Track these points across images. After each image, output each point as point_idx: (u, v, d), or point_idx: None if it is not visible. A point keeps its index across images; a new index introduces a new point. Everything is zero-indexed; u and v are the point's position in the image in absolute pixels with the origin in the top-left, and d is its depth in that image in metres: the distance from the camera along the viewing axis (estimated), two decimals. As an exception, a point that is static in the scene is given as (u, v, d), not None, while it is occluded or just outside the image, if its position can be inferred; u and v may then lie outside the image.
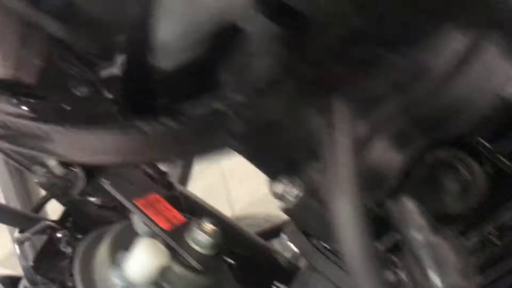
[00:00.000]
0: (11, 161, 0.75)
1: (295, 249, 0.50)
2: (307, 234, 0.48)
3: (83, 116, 0.33)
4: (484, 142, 0.38)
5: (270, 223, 0.90)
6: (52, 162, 0.40)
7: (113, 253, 0.39)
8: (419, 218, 0.32)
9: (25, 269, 0.92)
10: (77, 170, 0.40)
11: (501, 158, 0.39)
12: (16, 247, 0.89)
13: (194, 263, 0.38)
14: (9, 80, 0.34)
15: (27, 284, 0.91)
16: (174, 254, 0.39)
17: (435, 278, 0.31)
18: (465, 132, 0.38)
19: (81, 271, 0.39)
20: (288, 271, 0.60)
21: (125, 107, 0.31)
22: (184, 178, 0.79)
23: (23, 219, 0.57)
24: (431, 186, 0.36)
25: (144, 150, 0.32)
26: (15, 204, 0.72)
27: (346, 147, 0.28)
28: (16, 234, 0.57)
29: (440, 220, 0.42)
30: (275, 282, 0.62)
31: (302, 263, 0.54)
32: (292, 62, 0.24)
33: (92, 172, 0.40)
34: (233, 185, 1.72)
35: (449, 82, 0.36)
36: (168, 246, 0.39)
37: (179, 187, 0.63)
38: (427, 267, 0.31)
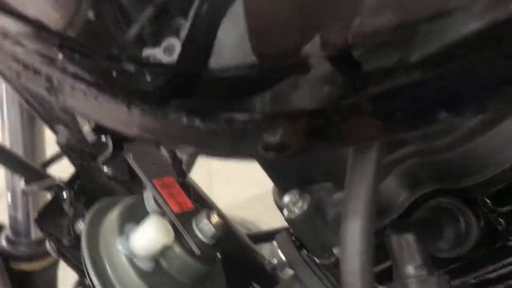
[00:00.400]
0: (25, 115, 0.77)
1: (283, 257, 0.52)
2: (297, 246, 0.51)
3: (123, 88, 0.34)
4: (486, 199, 0.41)
5: (244, 228, 0.92)
6: (86, 128, 0.42)
7: (121, 222, 0.41)
8: (416, 254, 0.34)
9: (11, 218, 0.93)
10: (107, 140, 0.42)
11: (498, 218, 0.42)
12: (9, 194, 0.91)
13: (195, 249, 0.41)
14: (58, 31, 0.34)
15: (10, 234, 0.93)
16: (178, 236, 0.41)
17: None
18: (471, 190, 0.41)
19: (87, 233, 0.41)
20: (269, 276, 0.62)
21: (165, 93, 0.32)
22: (188, 166, 0.81)
23: (30, 172, 0.59)
24: (429, 228, 0.39)
25: (171, 137, 0.33)
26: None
27: (369, 175, 0.30)
28: (22, 185, 0.59)
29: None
30: (254, 284, 0.64)
31: (285, 273, 0.57)
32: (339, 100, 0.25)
33: (119, 144, 0.42)
34: (217, 186, 1.73)
35: (469, 142, 0.39)
36: (174, 228, 0.41)
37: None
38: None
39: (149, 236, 0.39)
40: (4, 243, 0.91)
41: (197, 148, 0.28)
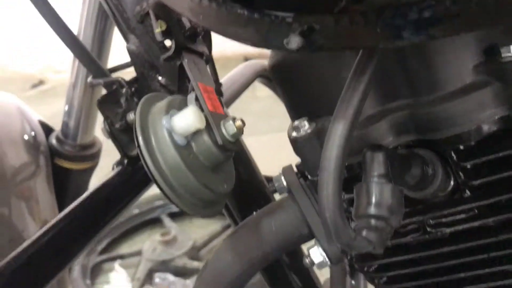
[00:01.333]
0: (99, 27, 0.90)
1: (284, 183, 0.63)
2: (297, 175, 0.62)
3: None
4: (453, 154, 0.51)
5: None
6: (157, 30, 0.53)
7: (168, 107, 0.53)
8: (382, 166, 0.45)
9: (64, 124, 1.07)
10: (171, 42, 0.54)
11: (460, 171, 0.52)
12: (66, 106, 1.05)
13: (218, 138, 0.52)
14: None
15: (60, 135, 1.07)
16: (208, 128, 0.53)
17: (369, 208, 0.44)
18: (442, 143, 0.51)
19: (141, 110, 0.53)
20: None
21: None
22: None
23: (99, 70, 0.71)
24: (400, 161, 0.49)
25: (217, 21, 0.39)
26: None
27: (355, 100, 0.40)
28: (90, 78, 0.72)
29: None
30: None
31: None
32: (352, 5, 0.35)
33: (179, 49, 0.54)
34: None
35: (448, 102, 0.49)
36: (206, 121, 0.53)
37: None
38: (369, 198, 0.44)
39: (187, 118, 0.51)
40: (54, 141, 1.06)
41: (236, 34, 0.38)
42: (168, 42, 0.56)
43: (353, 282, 0.94)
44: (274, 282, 0.78)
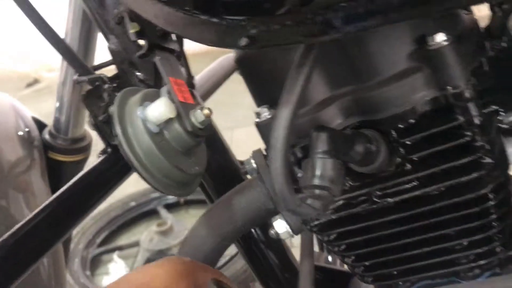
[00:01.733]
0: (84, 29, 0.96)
1: (254, 165, 0.69)
2: (265, 157, 0.69)
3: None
4: (394, 133, 0.58)
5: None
6: (132, 30, 0.60)
7: (142, 99, 0.60)
8: (325, 144, 0.51)
9: (55, 120, 1.14)
10: (144, 42, 0.61)
11: (400, 147, 0.59)
12: (57, 103, 1.12)
13: (188, 126, 0.59)
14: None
15: (52, 130, 1.13)
16: (179, 117, 0.60)
17: (314, 180, 0.51)
18: (384, 122, 0.58)
19: (118, 103, 0.60)
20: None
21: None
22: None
23: (84, 68, 0.78)
24: (344, 139, 0.56)
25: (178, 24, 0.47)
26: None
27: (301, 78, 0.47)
28: (75, 76, 0.78)
29: (349, 174, 0.62)
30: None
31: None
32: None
33: (152, 47, 0.61)
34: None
35: (387, 86, 0.56)
36: (177, 110, 0.60)
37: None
38: (314, 171, 0.51)
39: (159, 108, 0.58)
40: (47, 136, 1.13)
41: (198, 36, 0.45)
42: (142, 42, 0.63)
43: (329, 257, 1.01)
44: (253, 260, 0.85)
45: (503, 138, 0.63)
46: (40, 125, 1.15)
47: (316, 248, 0.89)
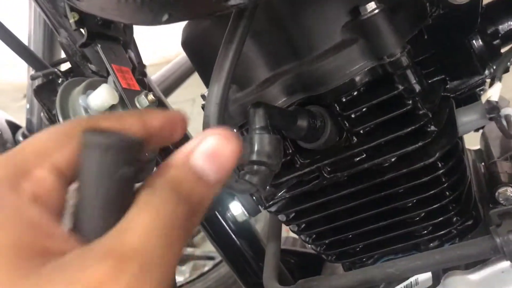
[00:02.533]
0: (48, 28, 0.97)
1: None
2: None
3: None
4: (337, 106, 0.58)
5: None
6: (71, 19, 0.60)
7: (86, 88, 0.60)
8: (261, 120, 0.51)
9: (28, 121, 1.14)
10: (83, 30, 0.61)
11: (344, 120, 0.58)
12: (28, 104, 1.13)
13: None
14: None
15: (25, 132, 1.14)
16: (122, 102, 0.60)
17: (252, 156, 0.50)
18: (326, 97, 0.57)
19: (61, 92, 0.60)
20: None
21: None
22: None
23: (41, 65, 0.78)
24: (287, 115, 0.55)
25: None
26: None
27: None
28: (32, 72, 0.78)
29: (298, 151, 0.62)
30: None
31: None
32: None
33: (92, 35, 0.61)
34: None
35: (324, 59, 0.55)
36: (121, 97, 0.60)
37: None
38: (252, 147, 0.51)
39: (101, 95, 0.58)
40: (20, 137, 1.13)
41: (128, 17, 0.45)
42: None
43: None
44: (221, 244, 0.85)
45: (457, 109, 0.63)
46: (14, 128, 1.15)
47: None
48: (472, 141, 0.85)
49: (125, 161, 0.29)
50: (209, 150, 0.32)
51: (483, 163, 0.79)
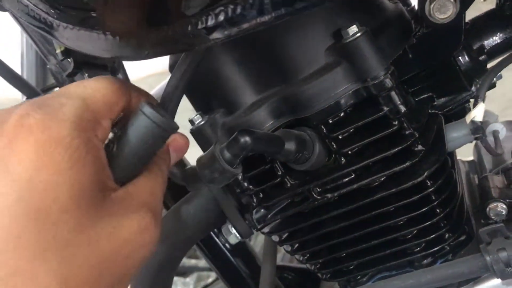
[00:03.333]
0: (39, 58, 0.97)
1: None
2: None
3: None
4: (323, 128, 0.58)
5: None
6: (58, 50, 0.61)
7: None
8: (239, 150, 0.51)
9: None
10: (70, 59, 0.61)
11: (331, 142, 0.58)
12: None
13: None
14: None
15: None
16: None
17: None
18: (313, 119, 0.57)
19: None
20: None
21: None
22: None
23: (32, 92, 0.79)
24: (274, 139, 0.55)
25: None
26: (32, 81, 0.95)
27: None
28: (24, 99, 0.79)
29: (288, 172, 0.62)
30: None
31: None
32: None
33: (78, 64, 0.62)
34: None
35: (309, 83, 0.55)
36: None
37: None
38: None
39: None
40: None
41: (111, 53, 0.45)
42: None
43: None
44: (218, 265, 0.85)
45: (446, 124, 0.63)
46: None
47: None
48: (467, 152, 0.85)
49: (163, 139, 0.41)
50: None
51: (476, 175, 0.79)
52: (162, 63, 0.66)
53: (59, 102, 0.36)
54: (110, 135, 0.40)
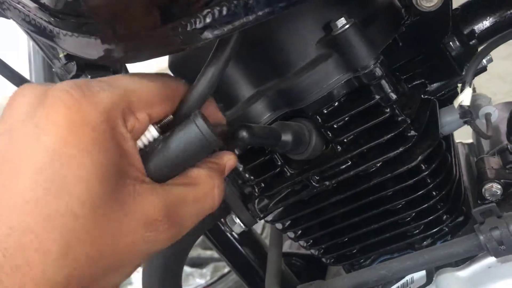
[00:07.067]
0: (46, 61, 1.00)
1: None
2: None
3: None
4: (318, 118, 0.60)
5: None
6: (61, 54, 0.63)
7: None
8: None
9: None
10: (73, 63, 0.64)
11: (327, 131, 0.60)
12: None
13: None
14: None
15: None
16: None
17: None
18: (308, 109, 0.59)
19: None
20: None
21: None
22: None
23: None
24: (270, 130, 0.57)
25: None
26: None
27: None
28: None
29: (287, 162, 0.64)
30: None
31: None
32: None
33: (81, 68, 0.64)
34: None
35: (302, 77, 0.57)
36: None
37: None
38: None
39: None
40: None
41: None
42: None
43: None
44: (227, 254, 0.88)
45: (441, 108, 0.65)
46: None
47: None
48: (468, 134, 0.87)
49: (206, 152, 0.45)
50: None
51: (475, 157, 0.80)
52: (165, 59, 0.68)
53: (100, 87, 0.39)
54: (156, 134, 0.43)
